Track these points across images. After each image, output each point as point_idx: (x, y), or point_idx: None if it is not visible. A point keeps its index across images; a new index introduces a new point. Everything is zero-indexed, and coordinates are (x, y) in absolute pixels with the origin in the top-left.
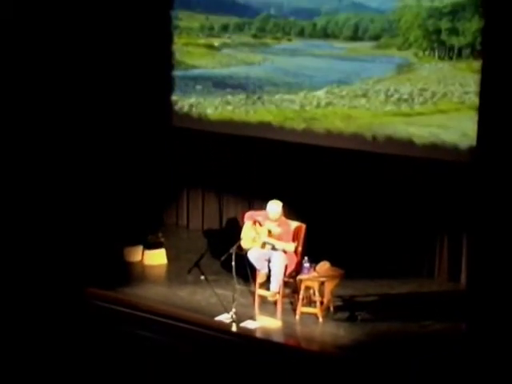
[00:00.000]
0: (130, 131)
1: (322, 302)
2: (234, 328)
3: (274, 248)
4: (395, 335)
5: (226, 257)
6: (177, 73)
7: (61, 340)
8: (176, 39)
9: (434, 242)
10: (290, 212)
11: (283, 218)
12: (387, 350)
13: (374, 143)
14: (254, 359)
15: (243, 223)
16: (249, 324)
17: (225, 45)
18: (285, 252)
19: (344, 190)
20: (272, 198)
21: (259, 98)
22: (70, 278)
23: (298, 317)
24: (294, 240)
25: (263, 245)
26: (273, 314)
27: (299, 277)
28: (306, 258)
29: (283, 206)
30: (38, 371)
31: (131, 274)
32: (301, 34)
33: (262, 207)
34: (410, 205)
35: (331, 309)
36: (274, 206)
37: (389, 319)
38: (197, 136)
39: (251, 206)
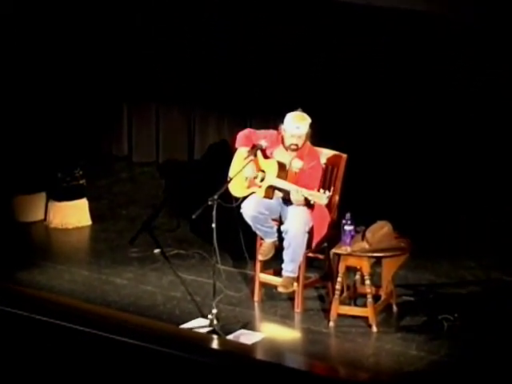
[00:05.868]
0: None
1: (376, 296)
2: (214, 343)
3: (288, 198)
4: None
5: (200, 213)
6: None
7: None
8: None
9: None
10: (320, 134)
11: (308, 145)
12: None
13: None
14: None
15: (234, 151)
16: (243, 336)
17: None
18: (309, 206)
19: (415, 89)
20: (288, 109)
21: None
22: None
23: (332, 323)
24: (325, 183)
25: (268, 191)
26: (286, 318)
27: (335, 250)
28: (348, 215)
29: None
30: None
31: (29, 247)
32: None
33: (269, 126)
34: None
35: (394, 308)
36: (297, 123)
37: (500, 328)
38: None
39: (248, 124)
